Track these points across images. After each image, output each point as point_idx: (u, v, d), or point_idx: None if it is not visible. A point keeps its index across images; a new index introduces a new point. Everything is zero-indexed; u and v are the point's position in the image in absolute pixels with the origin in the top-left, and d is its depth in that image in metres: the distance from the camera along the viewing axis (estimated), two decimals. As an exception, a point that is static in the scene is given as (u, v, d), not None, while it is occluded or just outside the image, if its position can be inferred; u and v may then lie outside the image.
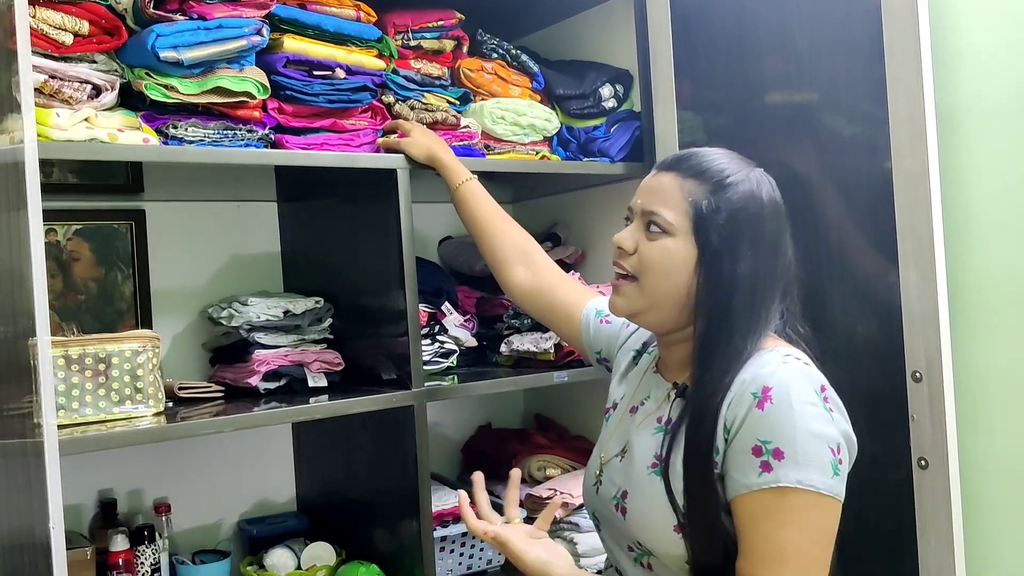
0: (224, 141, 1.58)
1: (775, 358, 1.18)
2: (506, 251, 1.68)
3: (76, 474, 1.88)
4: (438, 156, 1.75)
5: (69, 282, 1.93)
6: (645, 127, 2.13)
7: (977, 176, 1.61)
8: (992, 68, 1.58)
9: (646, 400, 1.34)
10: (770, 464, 1.10)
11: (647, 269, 1.24)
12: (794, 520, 1.10)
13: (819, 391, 1.15)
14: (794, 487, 1.09)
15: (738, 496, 1.13)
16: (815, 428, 1.11)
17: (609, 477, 1.33)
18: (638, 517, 1.24)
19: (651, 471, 1.24)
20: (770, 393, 1.13)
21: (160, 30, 1.48)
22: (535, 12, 2.29)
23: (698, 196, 1.22)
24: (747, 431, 1.13)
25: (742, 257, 1.21)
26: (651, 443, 1.26)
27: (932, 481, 1.56)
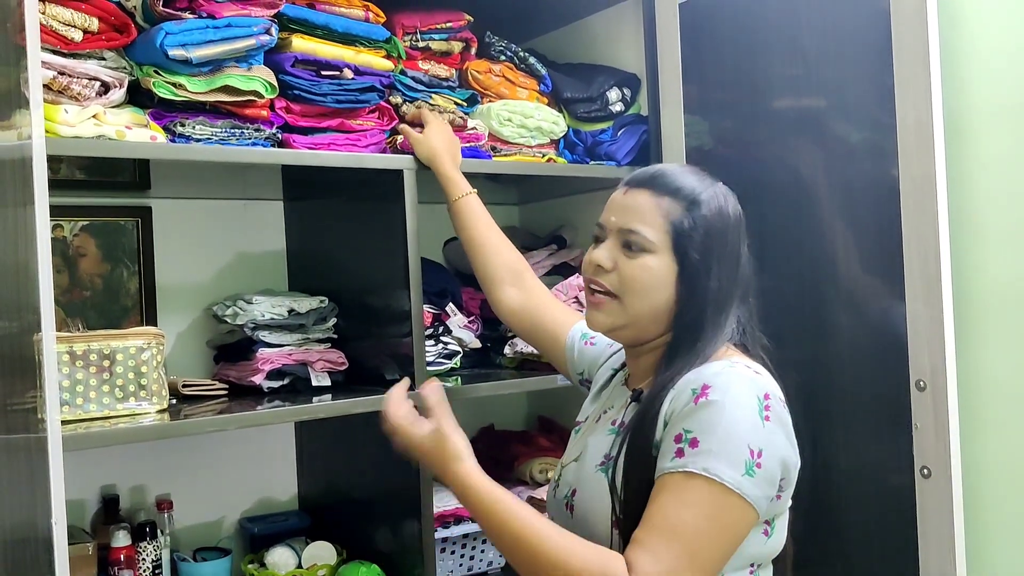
0: (231, 140, 1.59)
1: (723, 364, 1.20)
2: (498, 270, 1.69)
3: (79, 470, 1.89)
4: (438, 168, 1.75)
5: (75, 278, 1.94)
6: (652, 131, 2.13)
7: (984, 183, 1.61)
8: (1000, 75, 1.58)
9: (609, 409, 1.37)
10: (683, 451, 1.13)
11: (629, 287, 1.26)
12: (694, 504, 1.11)
13: (761, 398, 1.16)
14: (699, 473, 1.11)
15: (656, 477, 1.15)
16: (738, 427, 1.13)
17: (565, 479, 1.36)
18: (582, 513, 1.27)
19: (598, 468, 1.27)
20: (708, 391, 1.15)
21: (169, 28, 1.48)
22: (543, 15, 2.29)
23: (675, 214, 1.25)
24: (676, 421, 1.16)
25: (714, 270, 1.24)
26: (603, 443, 1.30)
27: (935, 490, 1.56)
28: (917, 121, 1.57)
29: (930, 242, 1.56)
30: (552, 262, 2.28)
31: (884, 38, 1.61)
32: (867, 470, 1.64)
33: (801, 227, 1.78)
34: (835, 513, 1.17)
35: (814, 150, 1.76)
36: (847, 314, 1.71)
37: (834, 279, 1.73)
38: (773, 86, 1.84)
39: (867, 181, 1.67)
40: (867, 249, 1.68)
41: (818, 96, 1.76)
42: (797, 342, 1.75)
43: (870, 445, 1.65)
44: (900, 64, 1.59)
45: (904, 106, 1.59)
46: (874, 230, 1.66)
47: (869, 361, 1.67)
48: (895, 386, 1.61)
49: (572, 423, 2.39)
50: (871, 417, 1.65)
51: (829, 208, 1.74)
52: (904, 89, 1.59)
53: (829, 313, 1.73)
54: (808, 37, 1.77)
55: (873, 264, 1.67)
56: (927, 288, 1.56)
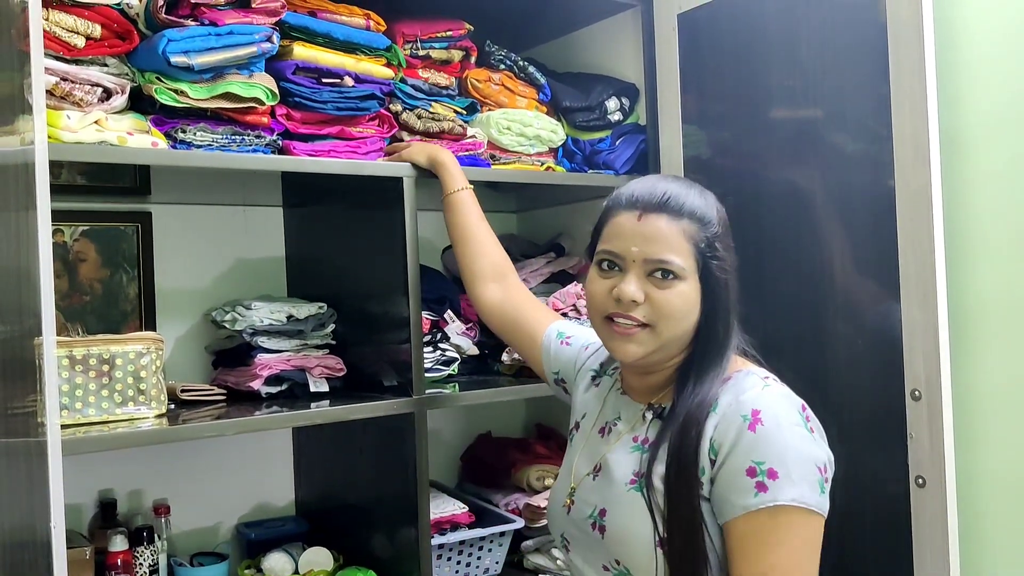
0: (232, 146, 1.60)
1: (756, 382, 1.22)
2: (482, 266, 1.68)
3: (77, 474, 1.89)
4: (440, 158, 1.76)
5: (75, 283, 1.94)
6: (650, 140, 2.14)
7: (979, 195, 1.62)
8: (996, 87, 1.59)
9: (617, 421, 1.35)
10: (765, 484, 1.12)
11: (666, 317, 1.23)
12: (787, 538, 1.12)
13: (800, 411, 1.19)
14: (789, 504, 1.12)
15: (734, 518, 1.15)
16: (804, 448, 1.15)
17: (583, 497, 1.33)
18: (618, 534, 1.24)
19: (630, 488, 1.25)
20: (760, 416, 1.16)
21: (172, 35, 1.49)
22: (543, 24, 2.31)
23: (696, 237, 1.24)
24: (740, 453, 1.15)
25: (731, 283, 1.27)
26: (629, 461, 1.28)
27: (929, 499, 1.56)
28: (913, 133, 1.58)
29: (925, 253, 1.57)
30: (550, 270, 2.29)
31: (881, 50, 1.63)
32: (862, 479, 1.65)
33: (797, 237, 1.79)
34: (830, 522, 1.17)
35: (811, 161, 1.77)
36: (843, 324, 1.72)
37: (830, 289, 1.73)
38: (771, 97, 1.85)
39: (863, 192, 1.68)
40: (863, 259, 1.69)
41: (815, 107, 1.77)
42: (793, 351, 1.76)
43: (865, 454, 1.66)
44: (896, 76, 1.61)
45: (900, 118, 1.60)
46: (870, 241, 1.67)
47: (864, 371, 1.68)
48: (890, 396, 1.61)
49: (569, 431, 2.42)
50: (866, 427, 1.66)
51: (825, 219, 1.75)
52: (900, 101, 1.60)
53: (825, 323, 1.74)
54: (806, 49, 1.78)
55: (869, 274, 1.68)
56: (922, 298, 1.57)
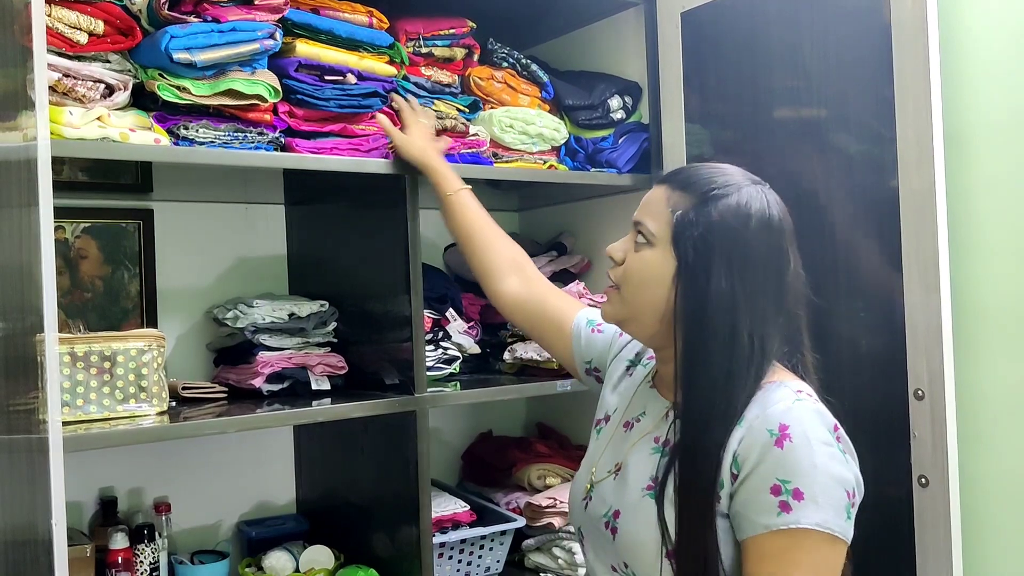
0: (234, 143, 1.59)
1: (787, 394, 1.14)
2: (498, 261, 1.62)
3: (77, 471, 1.89)
4: (432, 163, 1.71)
5: (76, 280, 1.94)
6: (653, 139, 2.14)
7: (983, 196, 1.61)
8: (1000, 88, 1.59)
9: (642, 416, 1.31)
10: (789, 504, 1.07)
11: (627, 279, 1.24)
12: (806, 561, 1.07)
13: (832, 431, 1.12)
14: (812, 529, 1.06)
15: (754, 536, 1.09)
16: (834, 470, 1.09)
17: (600, 495, 1.29)
18: (629, 539, 1.21)
19: (645, 493, 1.20)
20: (788, 431, 1.09)
21: (174, 31, 1.49)
22: (546, 22, 2.30)
23: (682, 207, 1.19)
24: (765, 469, 1.09)
25: (718, 276, 1.16)
26: (647, 464, 1.23)
27: (932, 499, 1.56)
28: (917, 134, 1.58)
29: (929, 253, 1.56)
30: (552, 268, 2.28)
31: (885, 51, 1.62)
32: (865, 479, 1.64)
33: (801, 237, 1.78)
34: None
35: (814, 161, 1.77)
36: (846, 323, 1.72)
37: (833, 289, 1.73)
38: (774, 97, 1.85)
39: (867, 193, 1.68)
40: (866, 259, 1.69)
41: (819, 107, 1.76)
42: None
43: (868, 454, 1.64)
44: (900, 77, 1.60)
45: (904, 119, 1.60)
46: (874, 241, 1.67)
47: (868, 370, 1.68)
48: (893, 395, 1.61)
49: (570, 429, 2.42)
50: (869, 426, 1.66)
51: (829, 219, 1.74)
52: (904, 102, 1.60)
53: (829, 322, 1.74)
54: (809, 49, 1.78)
55: (872, 274, 1.67)
56: (926, 298, 1.57)
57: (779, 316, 1.19)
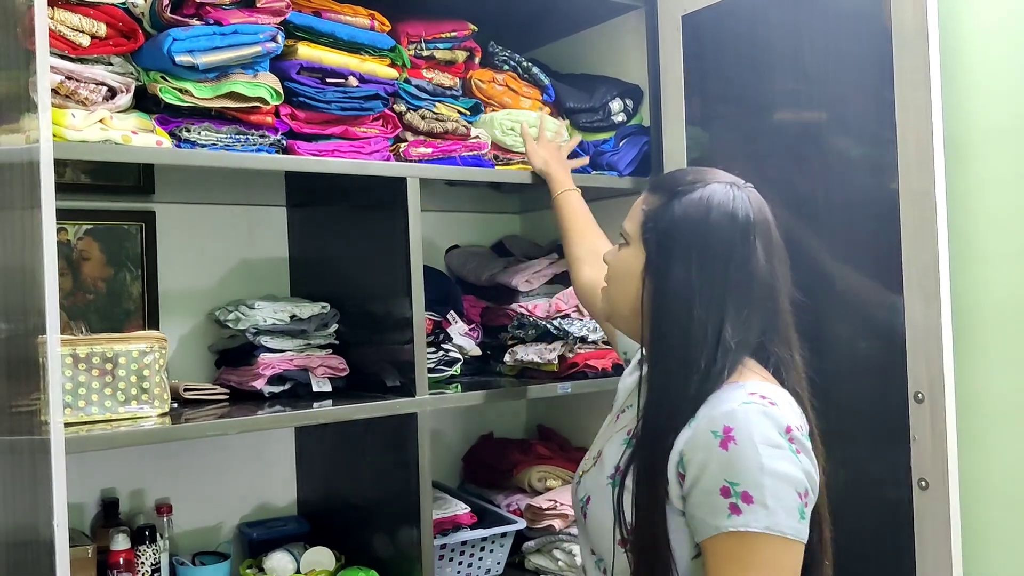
0: (236, 145, 1.60)
1: (738, 396, 1.13)
2: (580, 251, 1.80)
3: (79, 472, 1.89)
4: (549, 171, 1.94)
5: (78, 281, 1.95)
6: (654, 142, 2.14)
7: (983, 198, 1.62)
8: (1000, 92, 1.59)
9: (628, 408, 1.36)
10: (739, 507, 1.08)
11: (609, 276, 1.34)
12: (759, 563, 1.08)
13: (783, 432, 1.11)
14: (762, 532, 1.07)
15: (707, 538, 1.11)
16: (782, 470, 1.09)
17: (583, 482, 1.33)
18: (594, 524, 1.25)
19: (609, 481, 1.24)
20: (732, 433, 1.10)
21: (176, 34, 1.49)
22: (547, 25, 2.31)
23: (652, 206, 1.26)
24: (713, 471, 1.10)
25: (677, 267, 1.18)
26: (616, 453, 1.27)
27: (932, 502, 1.56)
28: (917, 137, 1.58)
29: (929, 256, 1.56)
30: (553, 271, 2.29)
31: (885, 54, 1.62)
32: (865, 482, 1.65)
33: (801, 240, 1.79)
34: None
35: (814, 164, 1.77)
36: (846, 326, 1.72)
37: (833, 292, 1.73)
38: (774, 100, 1.85)
39: (867, 195, 1.68)
40: (866, 262, 1.69)
41: (819, 110, 1.77)
42: (796, 353, 1.76)
43: (868, 457, 1.66)
44: (901, 80, 1.60)
45: (904, 122, 1.60)
46: (873, 243, 1.67)
47: (867, 373, 1.68)
48: (893, 398, 1.61)
49: (571, 432, 2.42)
50: (869, 429, 1.66)
51: (829, 222, 1.75)
52: (904, 105, 1.60)
53: (828, 325, 1.74)
54: (810, 52, 1.78)
55: (872, 277, 1.68)
56: (926, 301, 1.57)
57: (743, 310, 1.18)
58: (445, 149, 1.87)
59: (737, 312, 1.18)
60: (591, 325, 2.05)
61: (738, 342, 1.18)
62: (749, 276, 1.19)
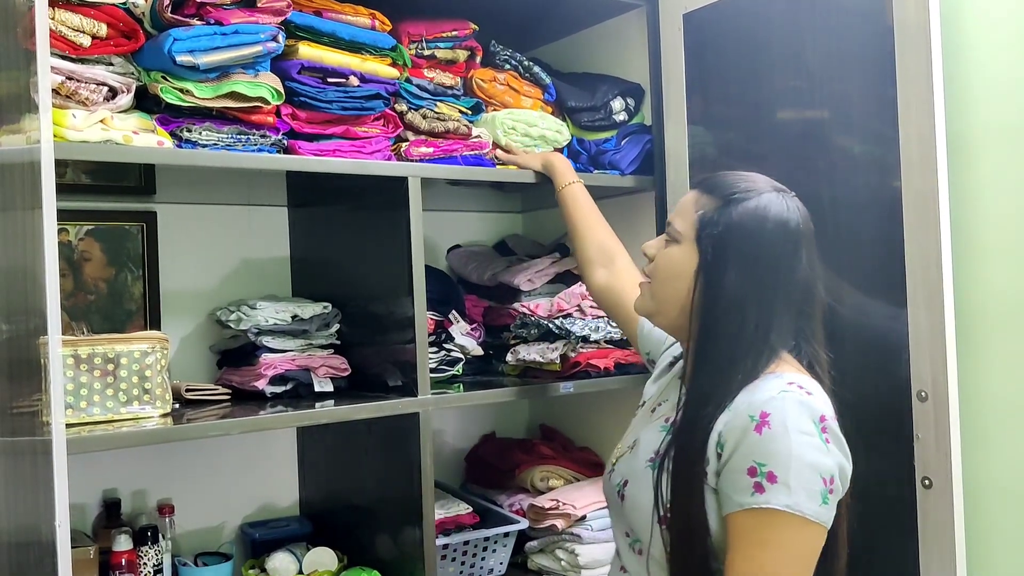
0: (237, 145, 1.59)
1: (777, 385, 1.21)
2: (591, 252, 1.81)
3: (81, 473, 1.89)
4: (551, 161, 1.93)
5: (80, 282, 1.95)
6: (656, 141, 2.14)
7: (986, 197, 1.61)
8: (1003, 90, 1.59)
9: (665, 402, 1.42)
10: (763, 485, 1.15)
11: (656, 273, 1.37)
12: (776, 541, 1.15)
13: (818, 422, 1.19)
14: (782, 510, 1.14)
15: (731, 512, 1.18)
16: (809, 457, 1.15)
17: (619, 468, 1.40)
18: (632, 505, 1.32)
19: (647, 465, 1.32)
20: (768, 419, 1.17)
21: (177, 34, 1.49)
22: (549, 24, 2.30)
23: (706, 209, 1.30)
24: (744, 452, 1.17)
25: (733, 272, 1.26)
26: (655, 439, 1.34)
27: (936, 501, 1.56)
28: (920, 135, 1.58)
29: (932, 254, 1.56)
30: (555, 270, 2.28)
31: (888, 52, 1.62)
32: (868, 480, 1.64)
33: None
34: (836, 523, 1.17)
35: (817, 163, 1.77)
36: (849, 325, 1.71)
37: (836, 290, 1.73)
38: (776, 98, 1.85)
39: (870, 194, 1.68)
40: (869, 260, 1.68)
41: (821, 109, 1.76)
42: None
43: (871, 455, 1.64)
44: (903, 78, 1.60)
45: (907, 120, 1.60)
46: (876, 241, 1.66)
47: (871, 372, 1.68)
48: (896, 397, 1.61)
49: (574, 431, 2.42)
50: (872, 427, 1.65)
51: (832, 220, 1.74)
52: (907, 103, 1.59)
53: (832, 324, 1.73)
54: (812, 50, 1.78)
55: (875, 275, 1.67)
56: (929, 299, 1.57)
57: (787, 313, 1.28)
58: (446, 148, 1.87)
59: (783, 315, 1.27)
60: (593, 324, 2.05)
61: (780, 341, 1.27)
62: (796, 282, 1.28)
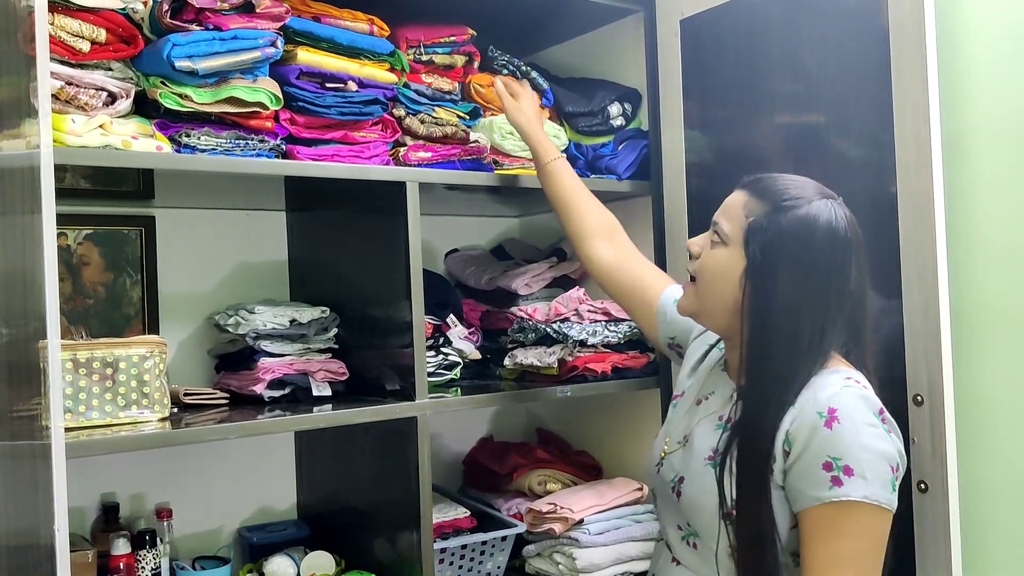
0: (236, 150, 1.60)
1: (837, 381, 1.26)
2: (590, 224, 1.73)
3: (79, 477, 1.89)
4: (535, 133, 1.83)
5: (78, 286, 1.95)
6: (653, 146, 2.14)
7: (981, 200, 1.62)
8: (998, 92, 1.60)
9: (711, 395, 1.43)
10: (840, 479, 1.19)
11: (702, 273, 1.37)
12: (856, 531, 1.20)
13: (878, 413, 1.25)
14: (860, 501, 1.19)
15: (808, 508, 1.22)
16: (879, 447, 1.21)
17: (670, 463, 1.43)
18: (691, 502, 1.35)
19: (707, 463, 1.34)
20: (836, 414, 1.22)
21: (176, 40, 1.50)
22: (546, 30, 2.31)
23: (756, 213, 1.32)
24: (816, 448, 1.21)
25: (784, 279, 1.28)
26: (711, 437, 1.36)
27: (932, 505, 1.56)
28: (915, 137, 1.58)
29: (928, 257, 1.57)
30: (552, 274, 2.29)
31: (883, 55, 1.63)
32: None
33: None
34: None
35: (813, 166, 1.77)
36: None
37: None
38: (773, 102, 1.86)
39: (865, 197, 1.68)
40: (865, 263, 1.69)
41: (818, 112, 1.77)
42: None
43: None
44: (898, 81, 1.61)
45: (902, 123, 1.60)
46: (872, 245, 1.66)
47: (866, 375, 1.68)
48: (892, 401, 1.60)
49: (571, 435, 2.42)
50: (869, 431, 1.66)
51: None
52: (902, 106, 1.60)
53: (827, 327, 1.74)
54: (808, 54, 1.78)
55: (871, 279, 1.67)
56: (925, 303, 1.57)
57: (838, 318, 1.30)
58: (444, 153, 1.88)
59: (835, 320, 1.30)
60: (590, 329, 2.06)
61: (833, 346, 1.31)
62: (847, 290, 1.31)
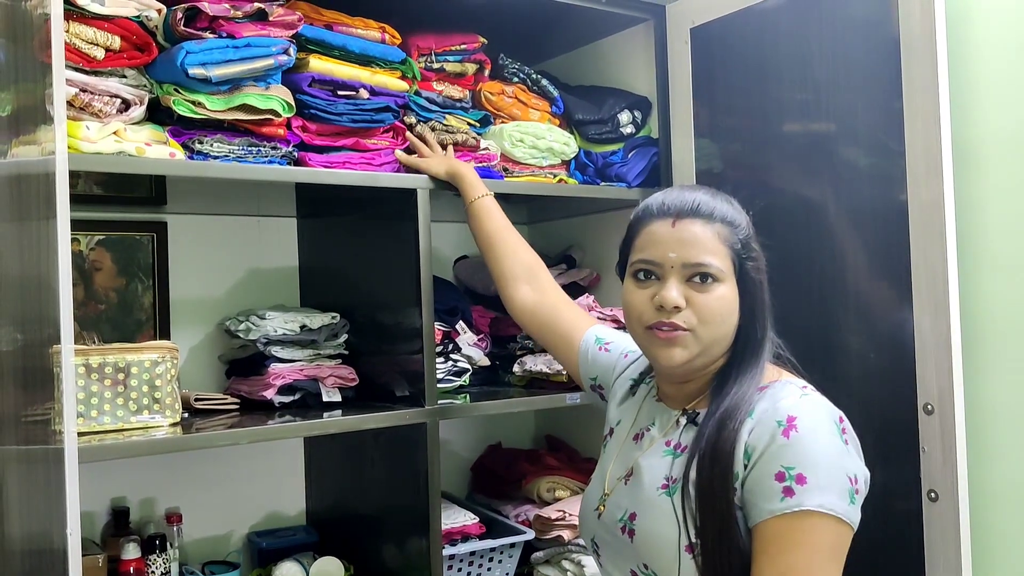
0: (248, 157, 1.61)
1: (794, 390, 1.22)
2: (512, 267, 1.69)
3: (90, 481, 1.90)
4: (459, 171, 1.79)
5: (90, 291, 1.96)
6: (662, 153, 2.15)
7: (992, 209, 1.62)
8: (1009, 102, 1.60)
9: (651, 426, 1.36)
10: (792, 489, 1.12)
11: (707, 320, 1.24)
12: (809, 541, 1.12)
13: (837, 423, 1.19)
14: (815, 510, 1.11)
15: (761, 521, 1.15)
16: (835, 457, 1.15)
17: (615, 501, 1.33)
18: (646, 538, 1.25)
19: (661, 492, 1.25)
20: (795, 422, 1.16)
21: (190, 47, 1.51)
22: (557, 38, 2.32)
23: (730, 239, 1.26)
24: (770, 458, 1.15)
25: (765, 284, 1.29)
26: (661, 465, 1.28)
27: (942, 513, 1.56)
28: (926, 146, 1.58)
29: (938, 266, 1.57)
30: (562, 281, 2.29)
31: (894, 65, 1.63)
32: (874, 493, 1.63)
33: (810, 251, 1.79)
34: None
35: (823, 175, 1.78)
36: (855, 337, 1.72)
37: (842, 302, 1.73)
38: (783, 111, 1.86)
39: (876, 206, 1.68)
40: (875, 273, 1.69)
41: (828, 121, 1.77)
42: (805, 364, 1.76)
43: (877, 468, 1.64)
44: (909, 90, 1.61)
45: (913, 132, 1.60)
46: (882, 254, 1.67)
47: (877, 384, 1.68)
48: (903, 410, 1.61)
49: (580, 442, 2.42)
50: (879, 440, 1.65)
51: (838, 232, 1.75)
52: (913, 115, 1.60)
53: (837, 336, 1.74)
54: (818, 63, 1.79)
55: (881, 288, 1.68)
56: (935, 311, 1.57)
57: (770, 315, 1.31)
58: (455, 160, 1.88)
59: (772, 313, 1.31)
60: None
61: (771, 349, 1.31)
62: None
